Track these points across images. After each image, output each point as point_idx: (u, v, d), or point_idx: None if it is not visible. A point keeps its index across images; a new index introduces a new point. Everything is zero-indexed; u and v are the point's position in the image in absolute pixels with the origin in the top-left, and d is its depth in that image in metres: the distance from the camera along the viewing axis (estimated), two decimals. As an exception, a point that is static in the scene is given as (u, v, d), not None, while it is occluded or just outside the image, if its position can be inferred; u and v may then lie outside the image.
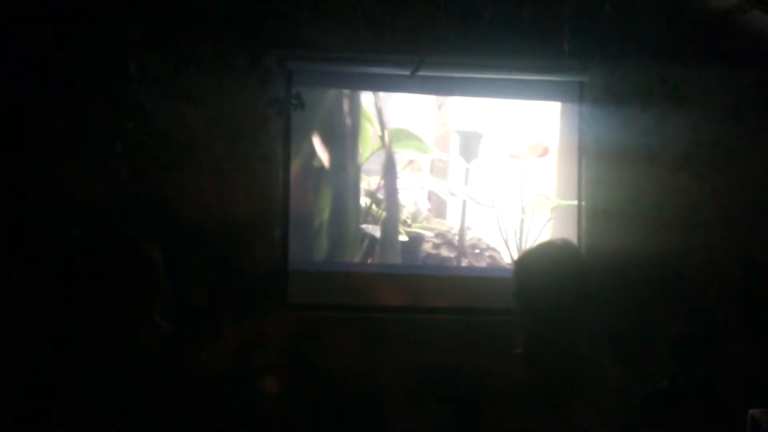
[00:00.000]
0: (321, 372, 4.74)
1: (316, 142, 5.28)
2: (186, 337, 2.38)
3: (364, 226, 5.38)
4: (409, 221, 5.44)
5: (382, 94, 5.38)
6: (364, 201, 5.40)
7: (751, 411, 3.43)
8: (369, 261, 5.40)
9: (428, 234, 5.45)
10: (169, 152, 4.71)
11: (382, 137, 5.38)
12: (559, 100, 5.37)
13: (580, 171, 5.27)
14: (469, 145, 5.46)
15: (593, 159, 5.18)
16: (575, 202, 5.30)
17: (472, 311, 5.07)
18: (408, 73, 4.77)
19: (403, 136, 5.41)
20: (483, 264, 5.40)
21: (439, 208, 5.53)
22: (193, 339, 3.27)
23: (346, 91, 5.37)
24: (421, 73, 4.77)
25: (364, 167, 5.39)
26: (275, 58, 4.89)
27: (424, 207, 5.49)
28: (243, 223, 4.86)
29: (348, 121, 5.38)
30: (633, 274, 4.91)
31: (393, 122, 5.41)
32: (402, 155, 5.43)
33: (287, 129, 5.11)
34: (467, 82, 5.28)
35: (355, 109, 5.39)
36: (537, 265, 2.44)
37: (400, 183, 5.42)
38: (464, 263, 5.41)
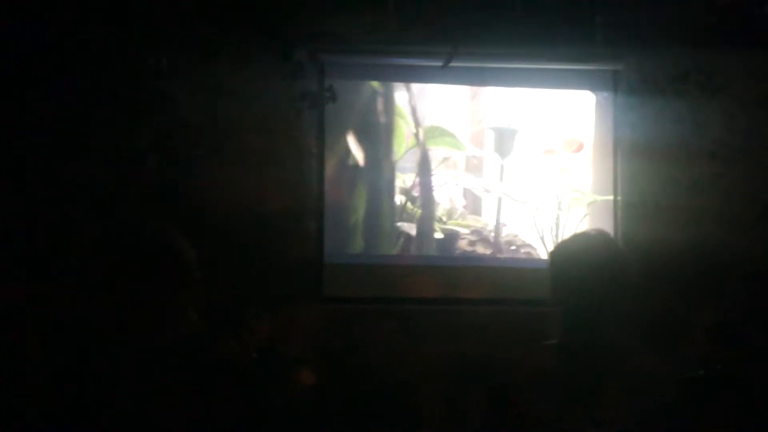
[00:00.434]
0: (356, 364, 4.75)
1: (351, 140, 5.29)
2: (220, 330, 2.40)
3: (399, 223, 5.37)
4: (444, 218, 5.43)
5: (415, 92, 5.36)
6: (399, 198, 5.39)
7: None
8: (405, 258, 5.40)
9: (464, 231, 5.42)
10: (203, 145, 4.75)
11: (416, 134, 5.36)
12: (593, 90, 5.31)
13: (616, 165, 5.21)
14: (503, 142, 5.43)
15: (628, 149, 5.12)
16: (611, 197, 5.23)
17: (506, 302, 5.04)
18: (440, 64, 4.75)
19: (437, 133, 5.40)
20: (518, 261, 5.37)
21: (474, 205, 5.50)
22: (227, 333, 3.28)
23: (379, 89, 5.37)
24: (454, 63, 4.74)
25: (399, 165, 5.38)
26: (307, 51, 4.90)
27: (460, 204, 5.47)
28: (277, 215, 4.88)
29: (382, 118, 5.38)
30: (669, 264, 4.84)
31: (427, 119, 5.40)
32: (436, 152, 5.41)
33: (321, 122, 5.11)
34: (500, 73, 5.24)
35: (389, 106, 5.39)
36: (573, 255, 2.42)
37: (435, 180, 5.40)
38: (499, 260, 5.38)
